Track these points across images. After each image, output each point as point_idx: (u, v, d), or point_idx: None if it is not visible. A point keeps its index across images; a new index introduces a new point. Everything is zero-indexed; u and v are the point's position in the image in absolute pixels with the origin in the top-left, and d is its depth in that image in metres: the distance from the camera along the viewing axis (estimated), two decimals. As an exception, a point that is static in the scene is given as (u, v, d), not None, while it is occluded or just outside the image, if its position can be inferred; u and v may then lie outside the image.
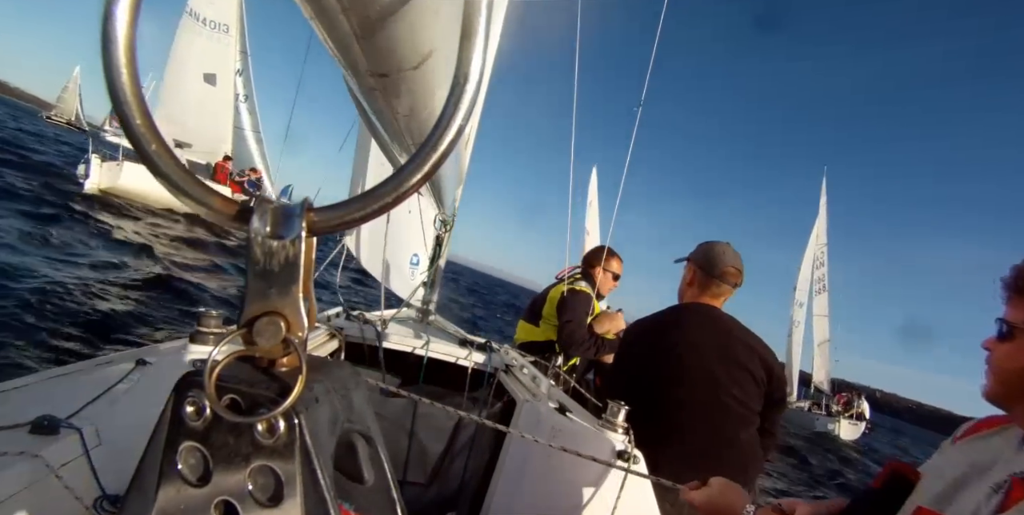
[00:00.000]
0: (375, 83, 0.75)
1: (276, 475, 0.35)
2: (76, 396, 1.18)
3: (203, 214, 0.37)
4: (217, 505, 0.36)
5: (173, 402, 0.36)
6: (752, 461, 1.86)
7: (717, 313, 1.97)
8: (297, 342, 0.36)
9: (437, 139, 0.36)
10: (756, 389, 1.85)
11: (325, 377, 0.40)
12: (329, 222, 0.36)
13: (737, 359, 1.84)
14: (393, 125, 0.97)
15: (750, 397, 1.84)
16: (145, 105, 0.34)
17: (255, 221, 0.35)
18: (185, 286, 7.97)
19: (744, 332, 1.93)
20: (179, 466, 0.36)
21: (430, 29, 0.65)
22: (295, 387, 0.35)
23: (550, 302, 3.17)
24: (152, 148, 0.35)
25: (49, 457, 0.93)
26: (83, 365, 1.47)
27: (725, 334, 1.90)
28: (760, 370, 1.85)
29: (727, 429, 1.82)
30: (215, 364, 0.35)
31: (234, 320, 0.39)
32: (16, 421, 0.99)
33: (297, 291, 0.36)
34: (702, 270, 1.99)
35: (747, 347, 1.88)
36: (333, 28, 0.61)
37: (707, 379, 1.83)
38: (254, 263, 0.36)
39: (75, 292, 6.13)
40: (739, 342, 1.89)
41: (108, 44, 0.32)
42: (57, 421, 1.02)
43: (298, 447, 0.35)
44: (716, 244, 2.05)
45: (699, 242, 2.09)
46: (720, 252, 2.00)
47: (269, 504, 0.36)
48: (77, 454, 1.01)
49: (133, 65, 0.33)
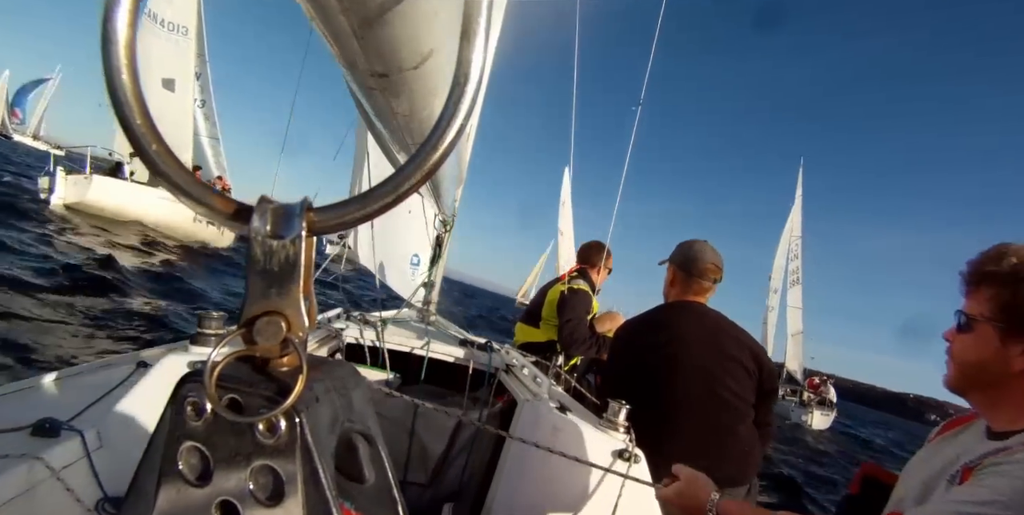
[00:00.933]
0: (375, 83, 0.75)
1: (277, 474, 0.35)
2: (77, 399, 1.19)
3: (203, 214, 0.37)
4: (218, 505, 0.36)
5: (173, 402, 0.36)
6: (751, 453, 1.87)
7: (703, 309, 2.00)
8: (297, 342, 0.36)
9: (437, 139, 0.36)
10: (749, 381, 1.87)
11: (325, 376, 0.40)
12: (329, 222, 0.36)
13: (728, 352, 1.86)
14: (393, 125, 0.97)
15: (744, 389, 1.86)
16: (145, 106, 0.34)
17: (255, 220, 0.35)
18: (188, 288, 7.97)
19: (731, 326, 1.96)
20: (179, 466, 0.36)
21: (430, 29, 0.65)
22: (295, 386, 0.35)
23: (549, 304, 3.16)
24: (153, 148, 0.35)
25: (50, 459, 0.93)
26: (84, 367, 1.48)
27: (714, 328, 1.92)
28: (751, 361, 1.87)
29: (725, 422, 1.83)
30: (215, 364, 0.35)
31: (235, 321, 0.39)
32: (17, 423, 0.99)
33: (297, 291, 0.36)
34: (681, 269, 2.03)
35: (736, 340, 1.90)
36: (333, 28, 0.61)
37: (701, 374, 1.84)
38: (254, 263, 0.36)
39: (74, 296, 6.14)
40: (728, 336, 1.91)
41: (108, 44, 0.32)
42: (58, 423, 1.02)
43: (299, 446, 0.35)
44: (694, 243, 2.07)
45: (671, 239, 2.12)
46: (698, 250, 2.03)
47: (270, 504, 0.36)
48: (78, 456, 1.01)
49: (133, 65, 0.33)
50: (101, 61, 0.33)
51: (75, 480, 0.95)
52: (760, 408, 1.91)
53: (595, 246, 3.30)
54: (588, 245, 3.36)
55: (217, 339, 1.24)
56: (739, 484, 1.84)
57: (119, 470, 1.03)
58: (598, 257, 3.17)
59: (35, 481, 0.90)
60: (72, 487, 0.93)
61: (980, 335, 0.87)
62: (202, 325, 1.30)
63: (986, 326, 0.86)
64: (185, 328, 6.19)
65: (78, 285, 6.43)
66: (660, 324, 2.00)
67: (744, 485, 1.85)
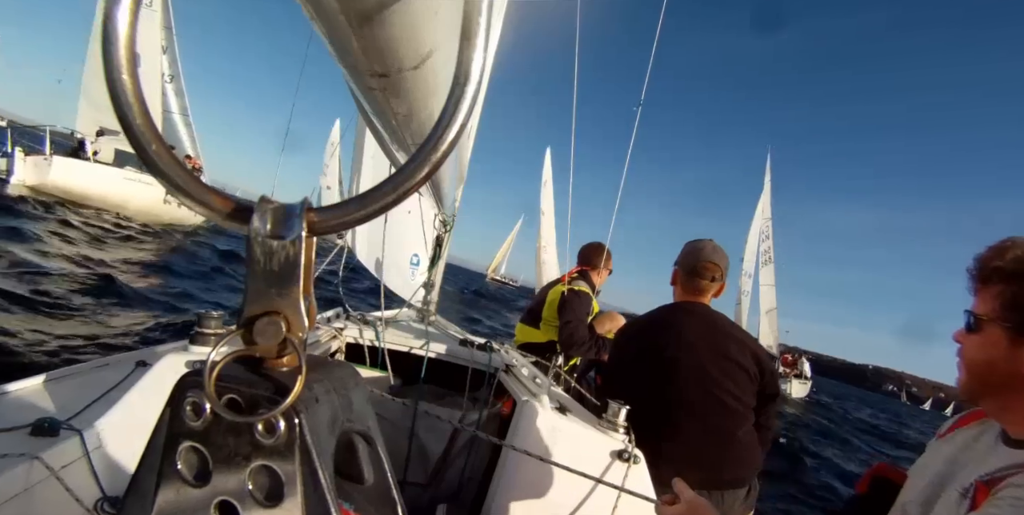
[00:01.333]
0: (375, 83, 0.75)
1: (276, 475, 0.35)
2: (76, 398, 1.18)
3: (203, 213, 0.37)
4: (216, 505, 0.36)
5: (172, 402, 0.36)
6: (751, 456, 1.87)
7: (705, 310, 1.98)
8: (297, 342, 0.36)
9: (437, 139, 0.36)
10: (750, 385, 1.86)
11: (325, 377, 0.40)
12: (329, 222, 0.36)
13: (729, 355, 1.85)
14: (393, 125, 0.97)
15: (744, 392, 1.84)
16: (145, 105, 0.34)
17: (255, 220, 0.35)
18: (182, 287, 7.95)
19: (733, 327, 1.95)
20: (178, 466, 0.36)
21: (430, 29, 0.65)
22: (295, 387, 0.35)
23: (549, 304, 3.16)
24: (152, 148, 0.35)
25: (49, 459, 0.93)
26: (83, 367, 1.47)
27: (715, 330, 1.91)
28: (753, 365, 1.86)
29: (724, 426, 1.82)
30: (215, 364, 0.35)
31: (233, 320, 0.39)
32: (16, 423, 0.99)
33: (297, 291, 0.36)
34: (683, 269, 2.02)
35: (738, 342, 1.88)
36: (333, 28, 0.61)
37: (701, 376, 1.83)
38: (254, 263, 0.36)
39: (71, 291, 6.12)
40: (730, 338, 1.89)
41: (108, 44, 0.32)
42: (57, 423, 1.02)
43: (298, 447, 0.35)
44: (697, 242, 2.07)
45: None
46: (699, 248, 2.02)
47: (269, 504, 0.36)
48: (77, 456, 1.01)
49: (133, 65, 0.33)
50: (102, 61, 0.33)
51: (74, 480, 0.95)
52: (761, 411, 1.90)
53: (595, 247, 3.30)
54: (588, 246, 3.36)
55: (216, 339, 1.24)
56: (738, 486, 1.84)
57: (118, 470, 1.03)
58: (598, 258, 3.18)
59: (34, 480, 0.90)
60: (71, 487, 0.93)
61: (988, 335, 0.82)
62: (201, 324, 1.30)
63: (993, 326, 0.81)
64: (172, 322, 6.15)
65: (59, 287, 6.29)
66: (661, 325, 1.99)
67: (743, 487, 1.85)
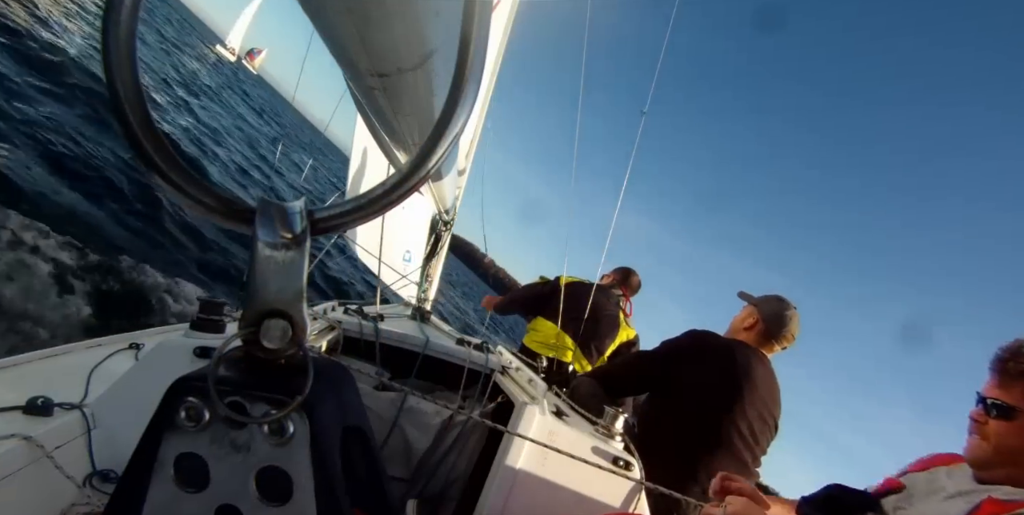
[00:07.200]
0: (375, 83, 0.75)
1: (284, 475, 0.35)
2: (70, 378, 1.17)
3: (203, 214, 0.37)
4: (218, 510, 0.36)
5: (167, 407, 0.36)
6: None
7: (771, 365, 2.11)
8: (302, 343, 0.36)
9: (438, 139, 0.36)
10: (768, 443, 2.03)
11: (326, 376, 0.40)
12: (330, 222, 0.36)
13: (773, 412, 2.01)
14: (393, 125, 0.97)
15: (765, 448, 2.02)
16: (145, 105, 0.34)
17: (257, 221, 0.35)
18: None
19: (778, 388, 2.09)
20: (173, 472, 0.36)
21: (430, 29, 0.65)
22: (300, 387, 0.35)
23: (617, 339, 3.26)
24: (152, 148, 0.35)
25: (42, 439, 0.92)
26: (75, 346, 1.45)
27: (773, 389, 2.05)
28: (775, 426, 2.03)
29: (748, 468, 1.94)
30: (216, 365, 0.35)
31: (235, 306, 0.38)
32: (9, 402, 0.99)
33: (299, 291, 0.36)
34: (767, 326, 2.11)
35: (777, 403, 2.04)
36: (333, 28, 0.61)
37: (756, 416, 1.96)
38: (256, 263, 0.36)
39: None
40: (777, 398, 2.04)
41: (108, 43, 0.32)
42: (51, 402, 1.01)
43: (309, 446, 0.35)
44: (789, 306, 2.16)
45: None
46: (789, 318, 2.13)
47: (276, 504, 0.36)
48: (71, 436, 1.00)
49: (134, 64, 0.33)
50: (102, 60, 0.33)
51: (67, 459, 0.95)
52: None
53: (636, 277, 3.44)
54: (632, 272, 3.47)
55: (217, 325, 1.22)
56: None
57: (112, 450, 1.02)
58: (634, 289, 3.37)
59: (27, 460, 0.89)
60: (62, 465, 0.93)
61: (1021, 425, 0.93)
62: (203, 311, 1.28)
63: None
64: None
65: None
66: (736, 357, 2.08)
67: None
